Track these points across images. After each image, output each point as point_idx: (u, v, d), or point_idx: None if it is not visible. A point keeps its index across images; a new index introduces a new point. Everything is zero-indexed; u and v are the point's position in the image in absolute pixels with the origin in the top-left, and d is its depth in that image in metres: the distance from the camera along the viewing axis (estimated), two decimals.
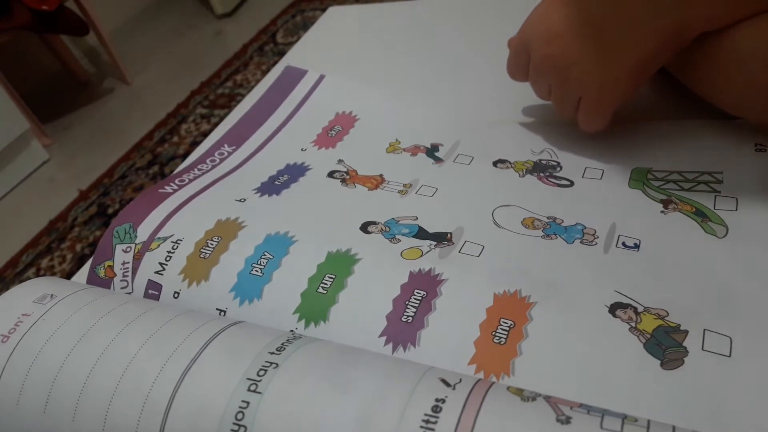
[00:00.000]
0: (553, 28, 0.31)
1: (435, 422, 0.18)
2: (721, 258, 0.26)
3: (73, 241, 1.58)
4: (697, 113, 0.34)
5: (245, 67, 2.09)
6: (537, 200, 0.31)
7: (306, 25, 2.19)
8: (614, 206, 0.30)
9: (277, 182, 0.36)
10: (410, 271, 0.27)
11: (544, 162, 0.34)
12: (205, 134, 1.80)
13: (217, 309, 0.28)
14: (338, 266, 0.28)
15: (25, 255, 1.58)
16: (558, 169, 0.33)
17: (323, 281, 0.27)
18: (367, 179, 0.35)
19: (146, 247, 0.31)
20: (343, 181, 0.35)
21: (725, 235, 0.27)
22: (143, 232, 0.32)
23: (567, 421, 0.18)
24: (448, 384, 0.20)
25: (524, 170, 0.34)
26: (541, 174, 0.33)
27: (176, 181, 0.36)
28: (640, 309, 0.24)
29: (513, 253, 0.28)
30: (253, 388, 0.20)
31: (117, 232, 0.32)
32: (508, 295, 0.25)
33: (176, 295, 0.29)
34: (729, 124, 0.32)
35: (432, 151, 0.37)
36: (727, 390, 0.21)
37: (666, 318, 0.24)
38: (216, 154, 0.40)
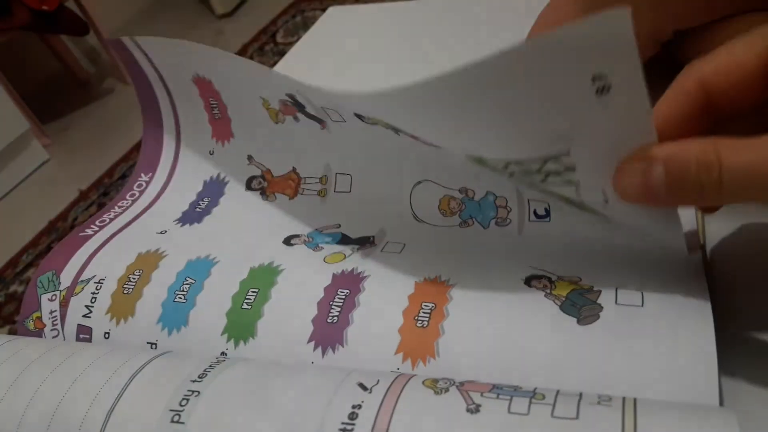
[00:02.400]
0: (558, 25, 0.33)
1: (351, 429, 0.19)
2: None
3: None
4: None
5: None
6: (444, 166, 0.28)
7: (306, 25, 2.19)
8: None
9: (198, 209, 0.35)
10: (333, 273, 0.27)
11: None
12: None
13: (147, 342, 0.28)
14: (261, 280, 0.28)
15: (25, 255, 1.58)
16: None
17: (247, 297, 0.27)
18: (285, 182, 0.34)
19: (71, 292, 0.30)
20: (263, 192, 0.34)
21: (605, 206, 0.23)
22: (66, 277, 0.31)
23: (476, 410, 0.19)
24: (365, 388, 0.20)
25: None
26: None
27: (97, 223, 0.35)
28: (554, 278, 0.25)
29: (432, 247, 0.29)
30: (176, 419, 0.21)
31: (40, 281, 0.31)
32: (429, 281, 0.26)
33: (107, 335, 0.29)
34: (545, 47, 0.18)
35: (301, 108, 0.32)
36: (641, 336, 0.22)
37: (579, 282, 0.25)
38: (135, 187, 0.38)
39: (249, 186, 0.35)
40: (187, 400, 0.21)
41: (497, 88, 0.19)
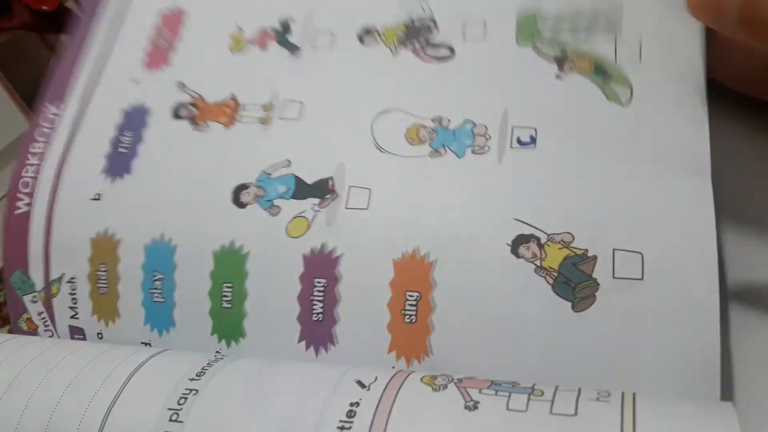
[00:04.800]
0: None
1: (350, 427, 0.19)
2: (625, 134, 0.24)
3: None
4: None
5: None
6: (418, 90, 0.27)
7: None
8: (503, 79, 0.27)
9: (121, 149, 0.30)
10: (303, 256, 0.25)
11: (416, 22, 0.29)
12: None
13: (141, 343, 0.28)
14: (230, 271, 0.26)
15: None
16: (434, 29, 0.29)
17: (224, 293, 0.26)
18: (219, 109, 0.30)
19: (48, 293, 0.29)
20: (193, 120, 0.30)
21: (630, 99, 0.25)
22: (36, 276, 0.29)
23: (475, 407, 0.19)
24: (363, 385, 0.20)
25: (396, 41, 0.29)
26: (416, 44, 0.29)
27: (21, 190, 0.31)
28: (543, 239, 0.23)
29: (402, 193, 0.25)
30: (174, 417, 0.21)
31: (14, 282, 0.30)
32: (407, 258, 0.24)
33: (100, 335, 0.28)
34: None
35: (283, 35, 0.31)
36: (640, 324, 0.21)
37: (572, 245, 0.23)
38: (42, 122, 0.32)
39: (177, 115, 0.30)
40: (185, 398, 0.21)
41: None
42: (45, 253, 0.30)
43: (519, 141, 0.25)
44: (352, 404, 0.20)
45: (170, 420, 0.21)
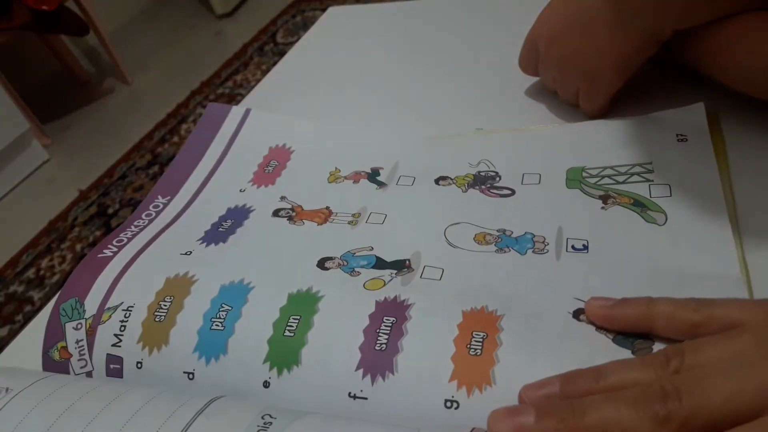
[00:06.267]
0: (555, 28, 0.37)
1: None
2: (664, 244, 0.28)
3: (73, 241, 1.58)
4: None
5: (245, 67, 2.09)
6: (484, 213, 0.32)
7: (306, 25, 2.19)
8: (557, 208, 0.31)
9: (221, 228, 0.34)
10: (376, 301, 0.27)
11: (483, 173, 0.35)
12: None
13: (184, 372, 0.27)
14: (301, 306, 0.27)
15: (25, 255, 1.58)
16: (497, 179, 0.34)
17: (289, 324, 0.27)
18: (314, 214, 0.34)
19: (97, 320, 0.30)
20: (290, 218, 0.34)
21: (665, 222, 0.29)
22: (91, 304, 0.30)
23: None
24: None
25: (465, 184, 0.34)
26: (483, 186, 0.34)
27: (114, 243, 0.34)
28: None
29: (472, 272, 0.29)
30: None
31: (63, 309, 0.30)
32: (476, 311, 0.26)
33: (139, 365, 0.28)
34: (650, 118, 0.35)
35: (373, 176, 0.37)
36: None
37: None
38: (151, 207, 0.38)
39: (276, 214, 0.35)
40: None
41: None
42: (111, 284, 0.31)
43: (573, 247, 0.29)
44: None
45: None
